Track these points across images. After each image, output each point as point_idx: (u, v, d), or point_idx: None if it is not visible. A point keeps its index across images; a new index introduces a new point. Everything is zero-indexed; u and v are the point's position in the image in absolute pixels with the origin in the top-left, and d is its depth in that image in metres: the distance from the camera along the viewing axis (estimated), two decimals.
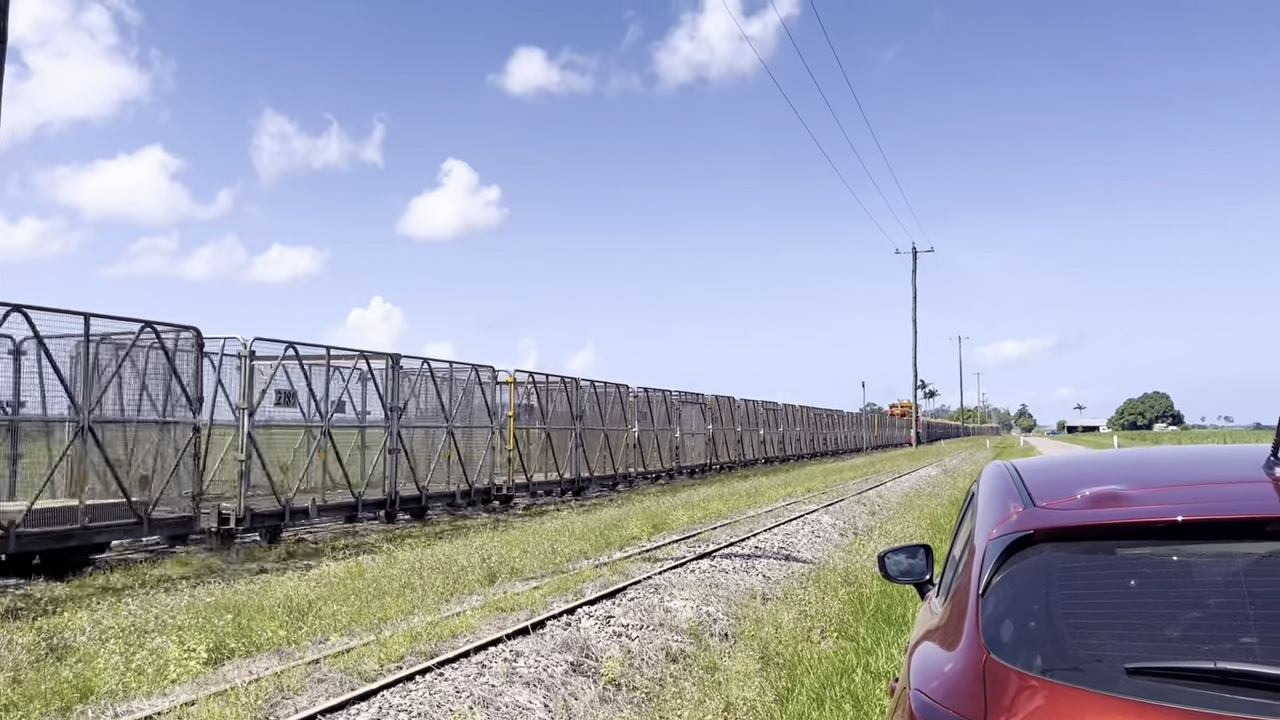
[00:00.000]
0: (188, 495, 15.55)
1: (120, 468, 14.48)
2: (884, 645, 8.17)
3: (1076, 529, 2.55)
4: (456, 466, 22.65)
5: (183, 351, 15.66)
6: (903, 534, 16.15)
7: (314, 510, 18.01)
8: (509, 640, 8.20)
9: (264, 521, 16.88)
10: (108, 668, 7.32)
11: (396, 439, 20.48)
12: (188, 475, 15.57)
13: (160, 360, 15.40)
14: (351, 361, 19.83)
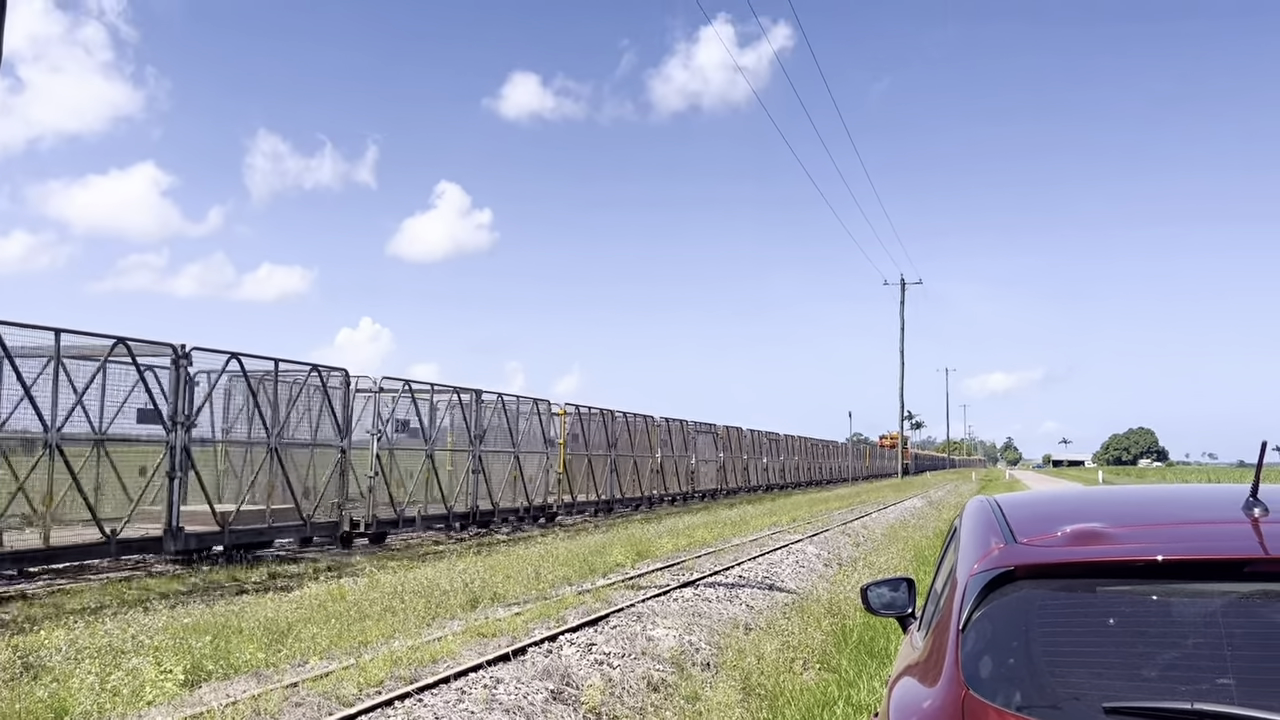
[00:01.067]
0: (334, 504, 19.33)
1: (294, 481, 18.22)
2: (866, 678, 8.14)
3: (1057, 566, 2.56)
4: (519, 486, 26.17)
5: (333, 388, 19.42)
6: (887, 565, 16.14)
7: (420, 520, 21.87)
8: (490, 666, 8.14)
9: (380, 528, 20.38)
10: (83, 688, 7.24)
11: (478, 461, 24.17)
12: (334, 488, 19.27)
13: (318, 394, 19.13)
14: (448, 395, 23.82)
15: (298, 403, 18.40)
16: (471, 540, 21.79)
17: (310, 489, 18.82)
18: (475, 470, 23.98)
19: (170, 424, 15.55)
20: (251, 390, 17.26)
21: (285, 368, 18.01)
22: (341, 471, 19.32)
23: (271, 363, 17.65)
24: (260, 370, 17.55)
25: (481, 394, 24.47)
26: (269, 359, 17.63)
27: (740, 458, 47.31)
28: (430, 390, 22.94)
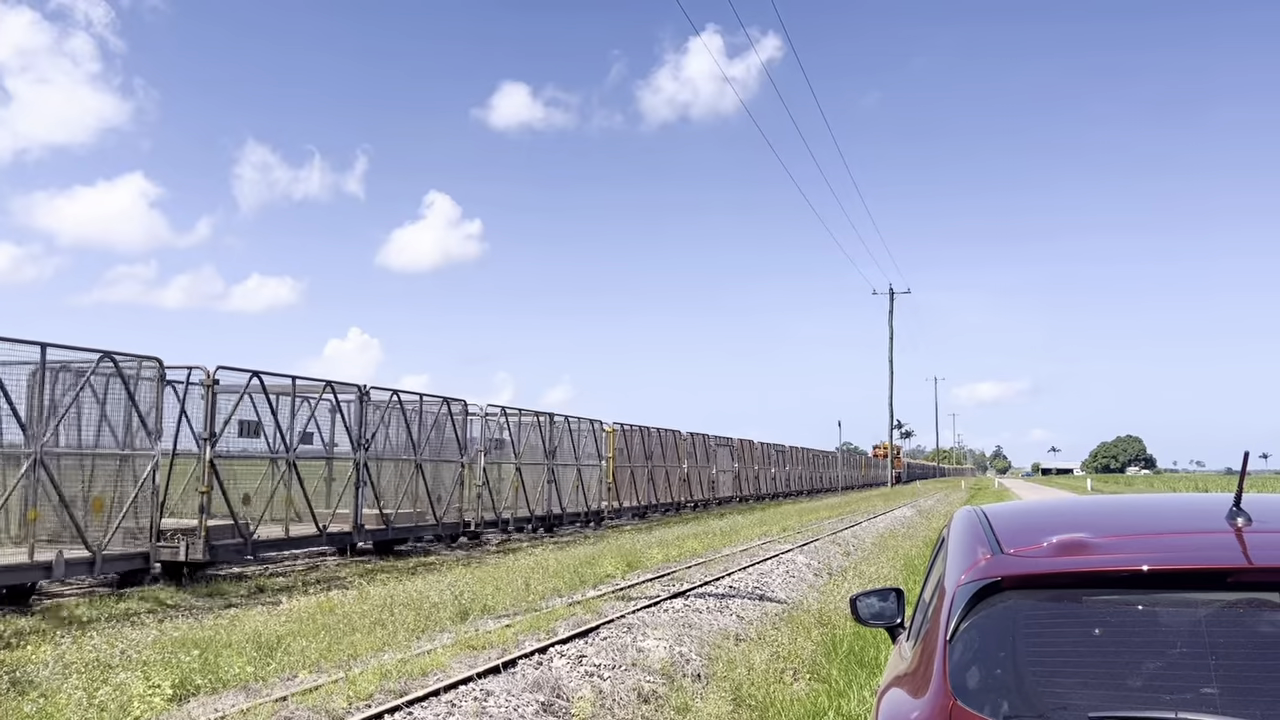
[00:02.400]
0: (456, 509, 23.42)
1: (431, 490, 22.48)
2: (856, 688, 8.15)
3: (1043, 576, 2.58)
4: (580, 493, 30.55)
5: (457, 414, 23.98)
6: (877, 575, 16.16)
7: (512, 521, 26.45)
8: (480, 679, 8.13)
9: (482, 529, 24.83)
10: (70, 703, 7.19)
11: (551, 473, 28.63)
12: (457, 495, 23.47)
13: (446, 420, 23.54)
14: (530, 418, 28.29)
15: (432, 426, 23.10)
16: (546, 538, 26.43)
17: (440, 496, 22.80)
18: (550, 481, 28.60)
19: (356, 445, 20.11)
20: (406, 418, 21.92)
21: (410, 398, 22.27)
22: (461, 482, 23.81)
23: (416, 397, 22.46)
24: (409, 401, 22.13)
25: (554, 416, 29.25)
26: (414, 394, 22.41)
27: (752, 468, 51.64)
28: (518, 413, 27.91)
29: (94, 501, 14.27)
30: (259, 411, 17.75)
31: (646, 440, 36.76)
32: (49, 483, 13.36)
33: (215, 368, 16.29)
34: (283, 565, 18.68)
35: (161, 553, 15.24)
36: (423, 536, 22.42)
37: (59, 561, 13.32)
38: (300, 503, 18.51)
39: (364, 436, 20.12)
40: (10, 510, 13.65)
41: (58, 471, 13.57)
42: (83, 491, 14.23)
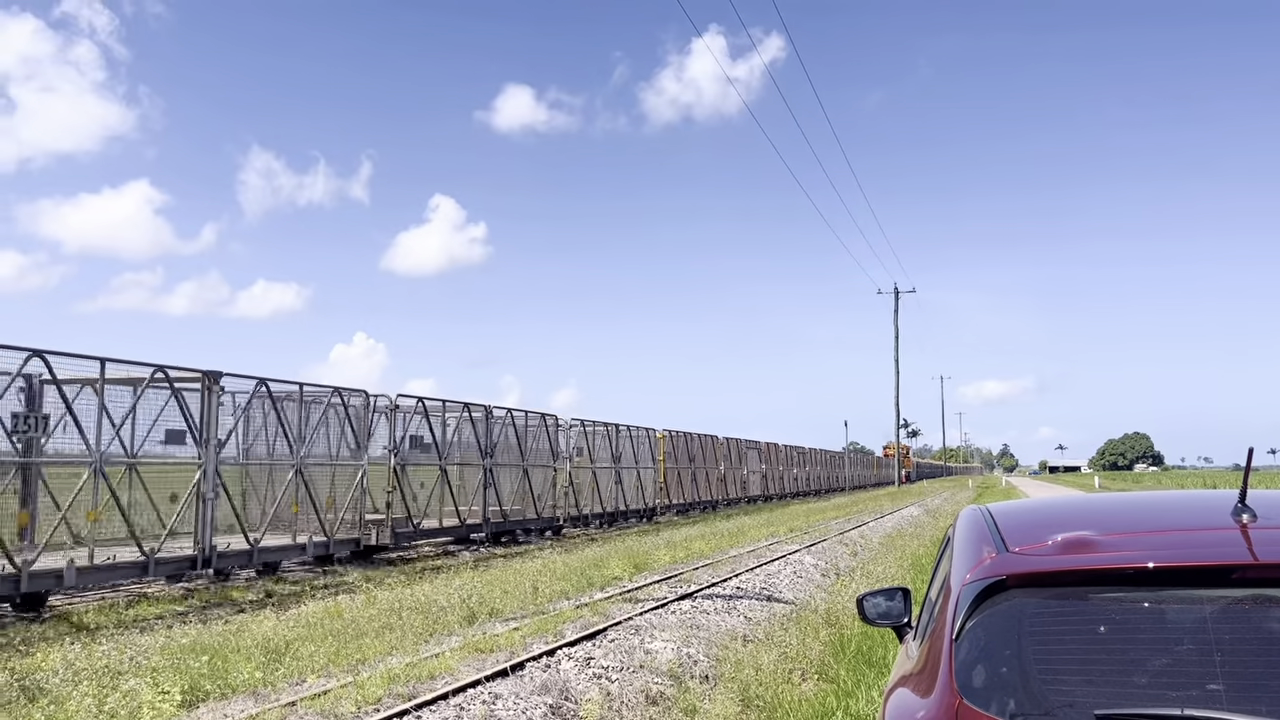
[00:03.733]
0: (553, 506, 28.26)
1: (532, 489, 26.93)
2: (864, 688, 8.15)
3: (1048, 574, 2.59)
4: (639, 493, 34.98)
5: (551, 427, 28.67)
6: (884, 575, 16.14)
7: (591, 517, 30.38)
8: (488, 682, 8.13)
9: (568, 524, 28.91)
10: (80, 710, 7.22)
11: (618, 475, 32.90)
12: (550, 495, 28.15)
13: (541, 430, 28.13)
14: (603, 428, 32.24)
15: (528, 434, 27.29)
16: (610, 530, 29.99)
17: (540, 495, 27.28)
18: (616, 482, 32.95)
19: (484, 454, 24.66)
20: (516, 432, 26.34)
21: (518, 414, 26.77)
22: (554, 484, 28.14)
23: (523, 413, 27.09)
24: (517, 415, 26.54)
25: (619, 426, 33.25)
26: (520, 410, 27.02)
27: (777, 469, 55.96)
28: (593, 424, 31.74)
29: (326, 500, 19.26)
30: (430, 427, 22.74)
31: (690, 444, 41.15)
32: (305, 486, 18.47)
33: (396, 395, 21.45)
34: (434, 549, 23.17)
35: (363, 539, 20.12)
36: (529, 529, 26.55)
37: (311, 544, 18.41)
38: (449, 500, 23.22)
39: (490, 447, 24.99)
40: (270, 504, 18.18)
41: (311, 477, 18.73)
42: (330, 492, 19.42)
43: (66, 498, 14.27)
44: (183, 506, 15.75)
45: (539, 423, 28.07)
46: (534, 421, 27.80)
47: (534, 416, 27.85)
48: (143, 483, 15.17)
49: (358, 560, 19.86)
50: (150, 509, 15.42)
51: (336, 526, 19.17)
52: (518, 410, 26.75)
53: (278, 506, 17.99)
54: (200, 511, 15.90)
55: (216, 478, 16.19)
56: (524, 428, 27.04)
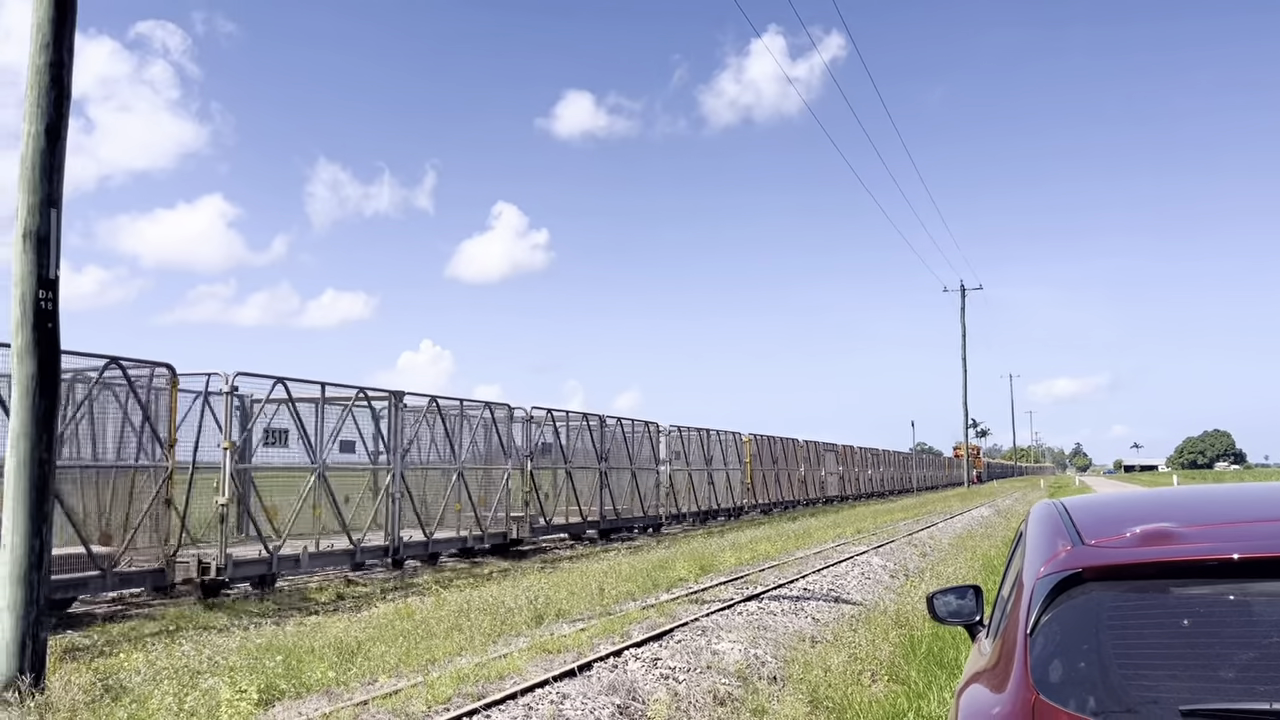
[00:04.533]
0: (658, 505, 31.05)
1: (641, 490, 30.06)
2: (936, 689, 8.02)
3: (1127, 567, 2.52)
4: (729, 493, 37.49)
5: (657, 433, 32.02)
6: (954, 575, 15.89)
7: (689, 516, 33.24)
8: (555, 682, 8.17)
9: (665, 521, 31.50)
10: (161, 709, 7.41)
11: (710, 476, 35.76)
12: (653, 495, 31.07)
13: (656, 436, 31.93)
14: (695, 433, 34.75)
15: (634, 439, 30.49)
16: (702, 527, 32.31)
17: (645, 495, 30.36)
18: (709, 482, 35.57)
19: (599, 457, 27.56)
20: (625, 437, 29.64)
21: (626, 421, 30.22)
22: (656, 485, 31.48)
23: (630, 421, 30.53)
24: (626, 422, 30.00)
25: (709, 431, 35.88)
26: (628, 418, 30.51)
27: (852, 470, 57.69)
28: (688, 429, 34.45)
29: (480, 499, 21.67)
30: (556, 434, 25.77)
31: (772, 447, 43.37)
32: (465, 487, 21.19)
33: (531, 406, 24.44)
34: (552, 543, 25.56)
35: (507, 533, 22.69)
36: (633, 526, 29.17)
37: (455, 539, 20.76)
38: (572, 500, 26.00)
39: (604, 452, 27.77)
40: (431, 502, 20.31)
41: (463, 479, 21.13)
42: (481, 493, 22.09)
43: (271, 498, 16.93)
44: (379, 504, 18.64)
45: (644, 429, 31.26)
46: (639, 428, 31.02)
47: (639, 424, 31.12)
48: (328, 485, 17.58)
49: (497, 552, 22.44)
50: (341, 508, 17.85)
51: (489, 522, 22.00)
52: (625, 418, 30.10)
53: (445, 505, 20.67)
54: (390, 509, 18.71)
55: (401, 480, 19.08)
56: (630, 434, 30.10)
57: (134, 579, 13.91)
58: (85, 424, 13.84)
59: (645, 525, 30.11)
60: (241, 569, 15.10)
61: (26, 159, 8.19)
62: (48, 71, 8.24)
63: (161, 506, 14.24)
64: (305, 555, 16.40)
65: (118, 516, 13.81)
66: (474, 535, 21.22)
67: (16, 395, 8.09)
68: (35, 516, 8.00)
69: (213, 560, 14.54)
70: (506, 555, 22.23)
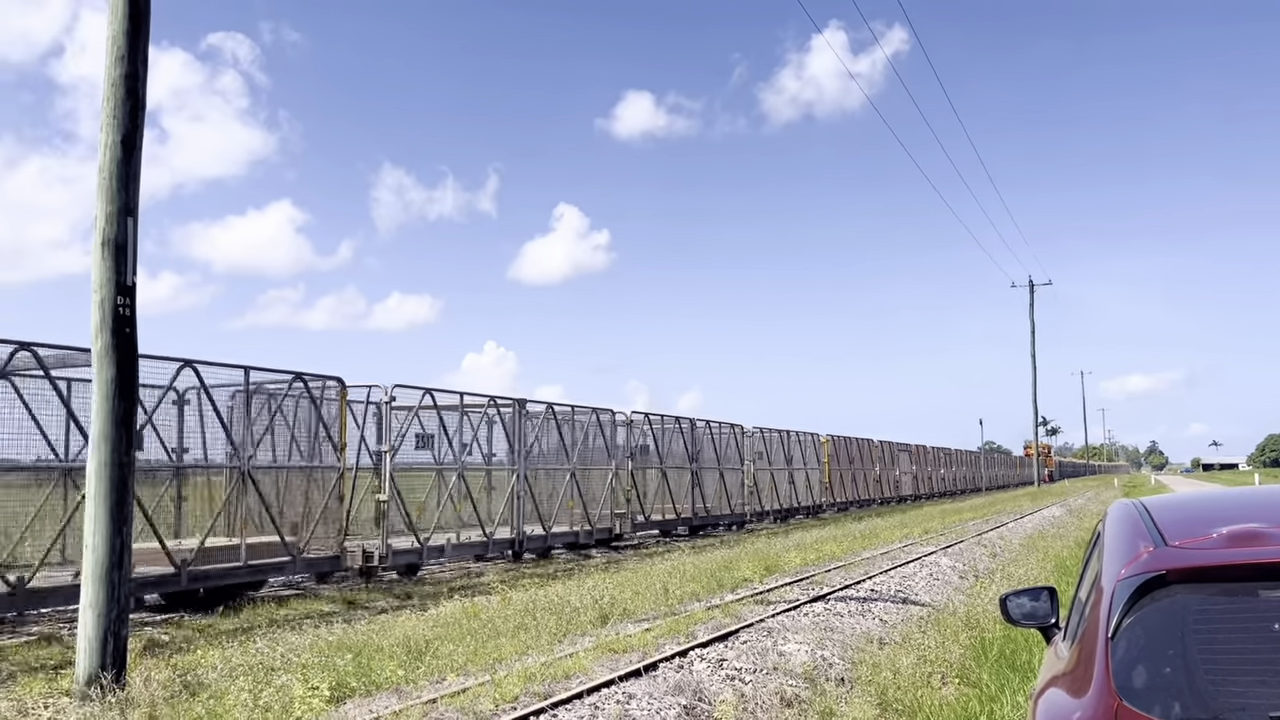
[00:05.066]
0: (740, 502, 32.76)
1: (728, 488, 32.00)
2: (1009, 692, 7.87)
3: (1214, 569, 2.44)
4: (808, 491, 39.38)
5: (738, 434, 33.44)
6: (1026, 577, 15.59)
7: (769, 514, 35.17)
8: (621, 682, 8.18)
9: (747, 519, 33.09)
10: (237, 705, 7.57)
11: (791, 476, 37.81)
12: (739, 494, 33.02)
13: (740, 437, 33.68)
14: (776, 434, 36.70)
15: (720, 441, 32.13)
16: (783, 525, 33.90)
17: (732, 494, 32.10)
18: (790, 481, 37.52)
19: (690, 459, 29.41)
20: (714, 440, 31.68)
21: (713, 424, 31.89)
22: (742, 484, 33.18)
23: (718, 423, 32.30)
24: (714, 424, 31.83)
25: (788, 432, 37.95)
26: (718, 421, 32.45)
27: (925, 469, 59.00)
28: (769, 430, 36.23)
29: (589, 496, 23.83)
30: (653, 437, 27.86)
31: (849, 447, 45.28)
32: (575, 485, 23.09)
33: (631, 411, 26.90)
34: (643, 539, 27.21)
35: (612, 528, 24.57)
36: (718, 523, 30.95)
37: (568, 533, 22.82)
38: (667, 498, 28.11)
39: (695, 453, 30.05)
40: (548, 500, 22.52)
41: (575, 479, 23.07)
42: (590, 491, 23.93)
43: (415, 496, 19.00)
44: (506, 502, 20.75)
45: (729, 431, 32.93)
46: (725, 430, 32.68)
47: (725, 426, 32.86)
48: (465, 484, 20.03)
49: (601, 546, 24.31)
50: (476, 505, 20.33)
51: (596, 519, 23.87)
52: (714, 421, 31.99)
53: (560, 502, 22.90)
54: (515, 506, 20.79)
55: (525, 480, 21.04)
56: (718, 435, 31.90)
57: (315, 564, 16.25)
58: (277, 430, 15.88)
59: (731, 522, 31.81)
60: (398, 557, 17.44)
61: (104, 169, 8.43)
62: (123, 84, 8.47)
63: (335, 502, 16.47)
64: (449, 546, 18.78)
65: (301, 510, 15.99)
66: (584, 530, 23.26)
67: (97, 399, 8.33)
68: (116, 517, 8.23)
69: (375, 549, 16.90)
70: (608, 549, 24.15)
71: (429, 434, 18.99)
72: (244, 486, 14.89)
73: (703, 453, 30.39)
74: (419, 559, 18.06)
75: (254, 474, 15.01)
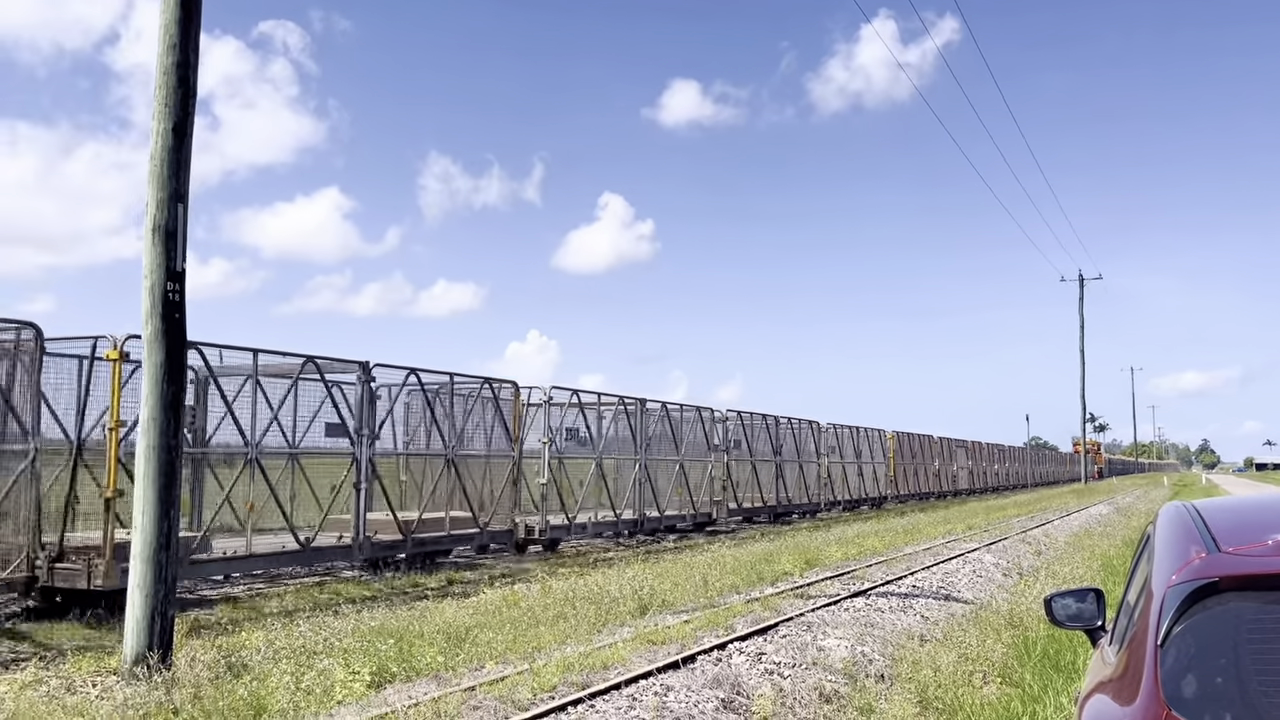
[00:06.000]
0: (815, 492, 35.79)
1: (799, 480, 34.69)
2: (1052, 693, 7.75)
3: (1269, 577, 2.37)
4: (874, 483, 42.37)
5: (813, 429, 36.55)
6: (1072, 576, 15.35)
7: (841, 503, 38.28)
8: (659, 674, 8.17)
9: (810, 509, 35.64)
10: (279, 687, 7.67)
11: (860, 469, 40.87)
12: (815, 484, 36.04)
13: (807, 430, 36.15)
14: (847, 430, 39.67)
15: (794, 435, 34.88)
16: (851, 514, 36.66)
17: (807, 485, 35.00)
18: (859, 474, 40.77)
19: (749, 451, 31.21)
20: (793, 433, 34.74)
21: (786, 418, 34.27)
22: (818, 475, 36.32)
23: (795, 419, 35.09)
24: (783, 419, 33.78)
25: (859, 428, 40.87)
26: (791, 418, 34.76)
27: (980, 464, 61.77)
28: (841, 427, 39.09)
29: (681, 486, 26.69)
30: (744, 431, 30.77)
31: (912, 443, 48.11)
32: (684, 475, 26.59)
33: (726, 409, 29.98)
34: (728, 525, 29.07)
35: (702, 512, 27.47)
36: (797, 511, 34.08)
37: (677, 516, 26.14)
38: (756, 487, 30.94)
39: (778, 447, 32.69)
40: (661, 487, 25.68)
41: (684, 469, 26.61)
42: (701, 479, 27.69)
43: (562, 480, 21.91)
44: (631, 487, 23.85)
45: (807, 428, 35.84)
46: (804, 427, 35.60)
47: (804, 423, 35.76)
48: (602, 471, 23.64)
49: (698, 529, 27.21)
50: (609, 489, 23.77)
51: (699, 504, 26.97)
52: (795, 418, 34.82)
53: (670, 489, 26.22)
54: (638, 492, 24.06)
55: (645, 469, 24.27)
56: (797, 431, 34.86)
57: (496, 535, 19.65)
58: (466, 423, 19.03)
59: (806, 510, 35.00)
60: (554, 532, 20.75)
61: (155, 156, 8.55)
62: (175, 72, 8.57)
63: (510, 485, 19.73)
64: (590, 524, 22.15)
65: (486, 491, 19.33)
66: (689, 515, 26.57)
67: (147, 383, 8.46)
68: (164, 499, 8.36)
69: (536, 524, 20.34)
70: (703, 533, 26.88)
71: (574, 428, 22.70)
72: (449, 471, 18.21)
73: (785, 447, 33.32)
74: (567, 534, 21.48)
75: (456, 461, 18.33)
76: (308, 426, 15.71)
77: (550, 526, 20.35)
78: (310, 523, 15.72)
